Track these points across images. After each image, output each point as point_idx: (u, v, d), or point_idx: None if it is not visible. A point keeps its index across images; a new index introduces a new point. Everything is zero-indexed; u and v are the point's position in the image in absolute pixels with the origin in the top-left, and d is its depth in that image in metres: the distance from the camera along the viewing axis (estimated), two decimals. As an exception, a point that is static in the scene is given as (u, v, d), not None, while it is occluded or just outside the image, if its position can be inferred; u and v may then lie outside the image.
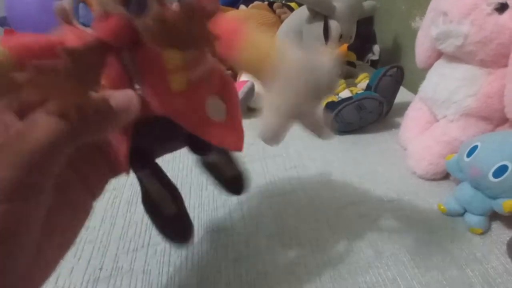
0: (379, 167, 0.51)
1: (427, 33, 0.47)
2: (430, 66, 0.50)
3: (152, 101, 0.20)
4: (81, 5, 0.20)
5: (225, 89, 0.25)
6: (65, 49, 0.15)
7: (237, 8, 0.97)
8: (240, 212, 0.43)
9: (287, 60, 0.19)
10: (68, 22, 0.20)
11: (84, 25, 0.19)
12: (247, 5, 0.96)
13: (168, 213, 0.30)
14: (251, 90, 0.62)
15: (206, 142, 0.23)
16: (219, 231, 0.41)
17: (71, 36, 0.19)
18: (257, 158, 0.54)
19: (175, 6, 0.17)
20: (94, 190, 0.25)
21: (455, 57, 0.44)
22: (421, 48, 0.51)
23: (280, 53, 0.20)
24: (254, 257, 0.38)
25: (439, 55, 0.49)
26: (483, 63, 0.42)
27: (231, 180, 0.36)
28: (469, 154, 0.38)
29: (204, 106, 0.23)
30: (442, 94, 0.46)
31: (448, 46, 0.43)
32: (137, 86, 0.20)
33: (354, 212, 0.43)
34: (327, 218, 0.42)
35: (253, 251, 0.38)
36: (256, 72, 0.20)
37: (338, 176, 0.49)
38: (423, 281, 0.34)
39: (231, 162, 0.35)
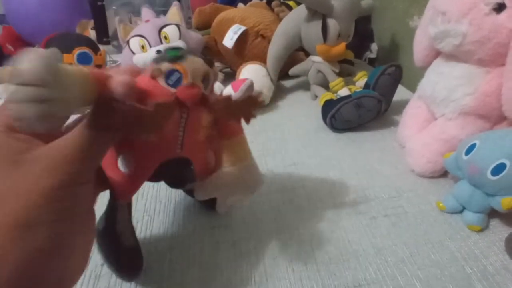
0: (377, 165, 0.51)
1: (425, 32, 0.48)
2: (428, 64, 0.51)
3: (186, 146, 0.29)
4: (176, 72, 0.27)
5: (215, 145, 0.34)
6: (158, 103, 0.24)
7: (235, 6, 0.97)
8: (240, 210, 0.44)
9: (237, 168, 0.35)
10: (155, 78, 0.28)
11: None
12: (245, 3, 0.96)
13: (127, 245, 0.34)
14: (250, 87, 0.62)
15: (188, 177, 0.34)
16: (219, 228, 0.41)
17: (152, 88, 0.27)
18: (257, 155, 0.53)
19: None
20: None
21: (453, 56, 0.44)
22: (419, 47, 0.51)
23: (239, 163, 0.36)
24: (255, 255, 0.38)
25: (437, 53, 0.49)
26: (481, 62, 0.42)
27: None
28: (468, 152, 0.39)
29: (207, 153, 0.33)
30: (440, 92, 0.46)
31: (446, 45, 0.43)
32: (180, 133, 0.29)
33: (353, 209, 0.43)
34: (326, 215, 0.42)
35: (253, 249, 0.38)
36: (223, 157, 0.35)
37: (337, 173, 0.50)
38: (422, 277, 0.34)
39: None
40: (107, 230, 0.33)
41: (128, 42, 0.69)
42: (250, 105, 0.30)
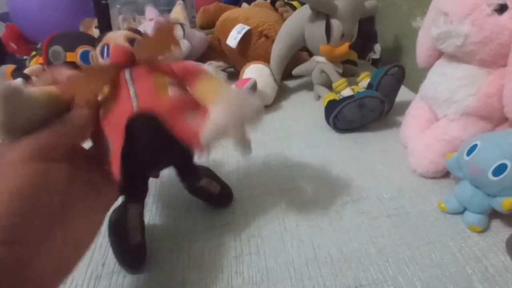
0: (380, 165, 0.51)
1: (427, 33, 0.48)
2: (430, 65, 0.51)
3: (141, 100, 0.29)
4: (103, 46, 0.32)
5: (200, 109, 0.31)
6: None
7: (240, 5, 0.98)
8: (242, 210, 0.44)
9: (226, 97, 0.29)
10: (95, 61, 0.33)
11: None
12: (249, 3, 0.97)
13: (134, 243, 0.35)
14: (254, 87, 0.63)
15: (195, 169, 0.37)
16: (222, 228, 0.42)
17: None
18: (260, 155, 0.54)
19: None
20: (109, 205, 0.32)
21: (455, 57, 0.44)
22: (422, 48, 0.52)
23: (222, 92, 0.30)
24: (256, 254, 0.38)
25: (440, 54, 0.49)
26: (483, 63, 0.42)
27: (218, 196, 0.43)
28: (469, 153, 0.39)
29: (183, 113, 0.30)
30: (443, 93, 0.46)
31: (448, 46, 0.43)
32: (131, 90, 0.29)
33: (355, 209, 0.43)
34: (328, 215, 0.43)
35: (254, 248, 0.39)
36: (205, 100, 0.30)
37: (339, 173, 0.50)
38: (423, 277, 0.35)
39: (215, 180, 0.42)
40: (115, 231, 0.34)
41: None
42: (165, 33, 0.31)
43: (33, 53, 0.87)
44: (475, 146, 0.39)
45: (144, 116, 0.28)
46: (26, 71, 0.76)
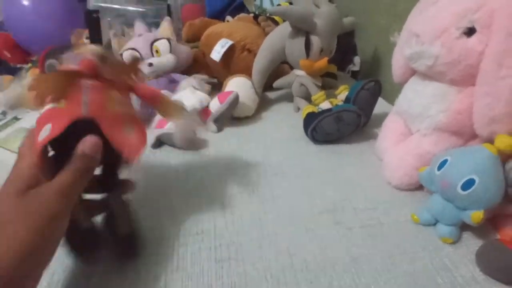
0: (355, 177, 0.53)
1: (401, 51, 0.50)
2: (405, 81, 0.53)
3: (90, 109, 0.32)
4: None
5: (139, 126, 0.36)
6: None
7: (223, 20, 0.99)
8: (223, 218, 0.45)
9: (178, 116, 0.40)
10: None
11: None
12: (233, 16, 0.98)
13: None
14: (235, 99, 0.64)
15: (115, 180, 0.38)
16: (203, 234, 0.43)
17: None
18: (240, 165, 0.55)
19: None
20: None
21: (427, 75, 0.47)
22: (397, 65, 0.54)
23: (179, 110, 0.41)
24: (235, 260, 0.39)
25: (414, 71, 0.51)
26: (453, 82, 0.44)
27: (124, 238, 0.39)
28: (440, 167, 0.41)
29: (122, 125, 0.34)
30: (415, 109, 0.48)
31: (420, 66, 0.45)
32: (84, 98, 0.32)
33: (330, 219, 0.45)
34: (305, 224, 0.44)
35: (234, 254, 0.40)
36: (166, 114, 0.40)
37: (317, 184, 0.51)
38: (396, 286, 0.36)
39: (128, 218, 0.39)
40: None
41: (121, 55, 0.70)
42: (132, 63, 0.37)
43: (30, 65, 0.89)
44: (445, 161, 0.41)
45: (88, 120, 0.31)
46: (23, 82, 0.76)
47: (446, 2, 0.43)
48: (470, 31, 0.41)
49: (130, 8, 1.09)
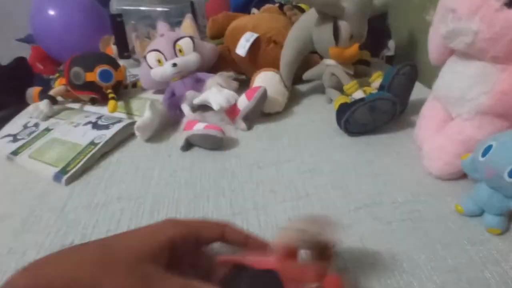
0: (394, 168, 0.50)
1: (437, 30, 0.47)
2: (443, 63, 0.50)
3: None
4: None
5: None
6: None
7: (249, 12, 0.98)
8: (256, 218, 0.44)
9: None
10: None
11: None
12: (258, 8, 0.97)
13: None
14: (264, 95, 0.63)
15: None
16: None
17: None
18: (272, 163, 0.54)
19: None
20: None
21: (467, 54, 0.43)
22: (433, 45, 0.50)
23: None
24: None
25: (452, 51, 0.48)
26: (495, 60, 0.41)
27: None
28: (484, 154, 0.38)
29: None
30: (455, 92, 0.45)
31: (458, 44, 0.42)
32: None
33: (368, 215, 0.43)
34: (342, 221, 0.42)
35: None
36: None
37: (352, 178, 0.49)
38: (439, 282, 0.34)
39: None
40: None
41: (145, 57, 0.71)
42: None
43: (57, 75, 0.92)
44: (490, 147, 0.38)
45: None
46: (51, 92, 0.80)
47: (482, -26, 0.40)
48: (511, 2, 0.37)
49: (153, 8, 1.10)
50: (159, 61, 0.69)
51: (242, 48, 0.73)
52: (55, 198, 0.51)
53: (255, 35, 0.73)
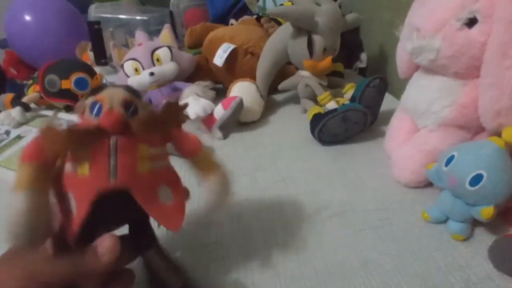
0: (365, 177, 0.52)
1: (404, 46, 0.49)
2: (410, 76, 0.52)
3: (120, 176, 0.27)
4: (96, 103, 0.29)
5: (175, 183, 0.33)
6: (72, 126, 0.26)
7: (227, 23, 1.00)
8: (230, 227, 0.45)
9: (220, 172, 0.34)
10: (82, 113, 0.29)
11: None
12: (237, 19, 0.98)
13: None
14: (240, 105, 0.64)
15: (148, 236, 0.34)
16: (210, 245, 0.42)
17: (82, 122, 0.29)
18: (248, 172, 0.55)
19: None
20: None
21: (430, 69, 0.46)
22: (401, 60, 0.53)
23: (217, 167, 0.34)
24: (243, 269, 0.39)
25: (418, 66, 0.50)
26: (457, 75, 0.43)
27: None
28: (447, 164, 0.40)
29: (158, 189, 0.30)
30: (421, 105, 0.47)
31: (422, 60, 0.44)
32: (112, 161, 0.27)
33: (340, 222, 0.44)
34: (314, 229, 0.43)
35: (242, 263, 0.40)
36: (202, 171, 0.34)
37: (325, 186, 0.51)
38: (408, 289, 0.35)
39: (176, 272, 0.36)
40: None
41: (122, 66, 0.71)
42: (173, 113, 0.30)
43: (30, 81, 0.89)
44: (452, 157, 0.40)
45: (118, 193, 0.27)
46: (24, 99, 0.78)
47: (445, -6, 0.43)
48: (471, 22, 0.40)
49: (132, 17, 1.10)
50: (136, 69, 0.69)
51: (219, 58, 0.74)
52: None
53: (232, 46, 0.75)
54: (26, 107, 0.75)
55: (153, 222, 0.32)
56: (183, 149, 0.33)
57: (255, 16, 0.95)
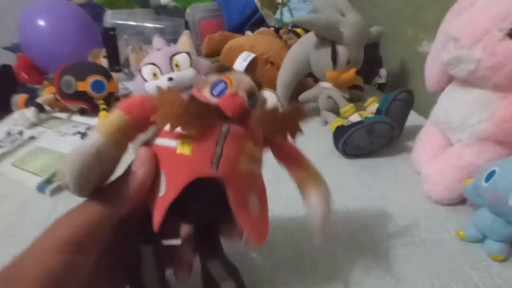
0: (392, 192, 0.50)
1: (436, 57, 0.48)
2: (440, 90, 0.51)
3: (222, 166, 0.25)
4: (221, 82, 0.26)
5: (263, 194, 0.31)
6: (193, 97, 0.25)
7: (243, 33, 0.99)
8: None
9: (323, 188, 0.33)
10: (200, 89, 0.27)
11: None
12: (253, 31, 0.98)
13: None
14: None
15: (216, 243, 0.31)
16: (233, 256, 0.40)
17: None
18: (270, 181, 0.53)
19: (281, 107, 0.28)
20: None
21: (467, 81, 0.44)
22: (431, 73, 0.52)
23: (320, 182, 0.33)
24: (268, 283, 0.37)
25: (450, 79, 0.49)
26: (496, 88, 0.42)
27: None
28: (487, 179, 0.38)
29: (249, 195, 0.28)
30: (455, 118, 0.45)
31: (460, 71, 0.43)
32: (218, 149, 0.25)
33: (369, 237, 0.42)
34: (342, 245, 0.41)
35: (268, 276, 0.37)
36: (303, 186, 0.32)
37: (351, 201, 0.49)
38: (445, 310, 0.33)
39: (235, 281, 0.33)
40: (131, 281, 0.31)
41: (140, 70, 0.70)
42: (298, 116, 0.28)
43: (45, 82, 0.88)
44: (493, 172, 0.38)
45: (215, 183, 0.26)
46: (38, 100, 0.77)
47: (484, 4, 0.42)
48: (513, 33, 0.39)
49: (147, 24, 1.10)
50: (154, 74, 0.68)
51: (239, 66, 0.73)
52: (37, 210, 0.48)
53: (252, 55, 0.74)
54: (40, 108, 0.74)
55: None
56: (287, 158, 0.32)
57: (272, 28, 0.94)
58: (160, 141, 0.27)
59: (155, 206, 0.26)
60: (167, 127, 0.25)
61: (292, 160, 0.32)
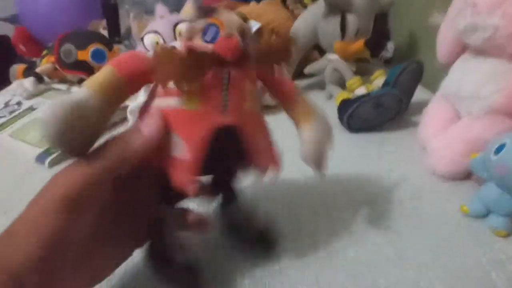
0: (396, 166, 0.49)
1: (450, 26, 0.46)
2: (452, 61, 0.49)
3: (232, 111, 0.26)
4: (212, 26, 0.25)
5: (264, 124, 0.31)
6: (191, 48, 0.24)
7: (248, 2, 0.96)
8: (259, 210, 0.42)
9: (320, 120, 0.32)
10: (189, 39, 0.25)
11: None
12: (258, 0, 0.95)
13: (179, 261, 0.31)
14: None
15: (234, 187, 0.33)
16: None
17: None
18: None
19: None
20: (140, 242, 0.31)
21: (482, 51, 0.42)
22: (444, 43, 0.50)
23: (316, 115, 0.32)
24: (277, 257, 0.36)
25: (462, 50, 0.47)
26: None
27: (257, 237, 0.35)
28: (497, 152, 0.37)
29: (256, 131, 0.28)
30: (466, 89, 0.44)
31: (476, 39, 0.41)
32: (224, 96, 0.25)
33: (371, 212, 0.41)
34: (345, 217, 0.41)
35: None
36: (300, 120, 0.32)
37: (355, 174, 0.48)
38: (446, 282, 0.33)
39: (253, 218, 0.35)
40: (153, 245, 0.31)
41: (142, 39, 0.68)
42: (290, 43, 0.29)
43: (45, 52, 0.86)
44: (503, 145, 0.36)
45: (229, 131, 0.25)
46: (37, 70, 0.75)
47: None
48: (533, 0, 0.37)
49: (149, -5, 1.06)
50: (157, 43, 0.66)
51: (244, 36, 0.71)
52: (35, 181, 0.47)
53: (258, 25, 0.71)
54: (39, 78, 0.73)
55: None
56: (279, 92, 0.31)
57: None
58: (161, 102, 0.26)
59: (174, 166, 0.25)
60: (170, 85, 0.24)
61: (287, 95, 0.31)
